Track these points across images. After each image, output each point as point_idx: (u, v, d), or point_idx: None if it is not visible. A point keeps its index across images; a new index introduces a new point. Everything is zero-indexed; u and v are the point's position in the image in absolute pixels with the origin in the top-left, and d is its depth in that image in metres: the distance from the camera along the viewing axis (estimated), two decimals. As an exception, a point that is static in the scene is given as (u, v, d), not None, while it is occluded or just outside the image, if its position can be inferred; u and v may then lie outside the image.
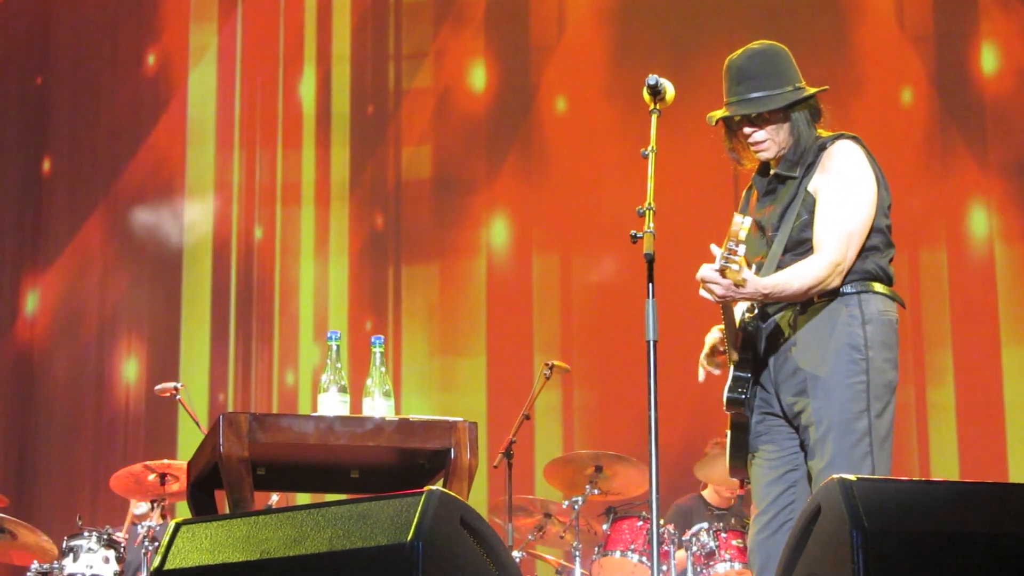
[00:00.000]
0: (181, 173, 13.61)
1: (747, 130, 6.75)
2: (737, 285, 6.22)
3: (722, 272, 6.21)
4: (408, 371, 12.93)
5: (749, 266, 6.45)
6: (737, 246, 6.14)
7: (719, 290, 6.31)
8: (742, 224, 6.14)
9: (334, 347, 7.58)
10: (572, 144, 13.39)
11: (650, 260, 6.34)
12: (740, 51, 6.78)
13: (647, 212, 6.38)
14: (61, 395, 13.32)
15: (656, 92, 6.63)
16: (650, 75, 6.62)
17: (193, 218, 13.56)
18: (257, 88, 13.73)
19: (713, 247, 6.24)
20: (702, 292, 6.40)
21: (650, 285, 6.29)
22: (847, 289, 6.56)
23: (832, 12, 13.46)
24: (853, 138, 6.77)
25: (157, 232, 13.61)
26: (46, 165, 13.70)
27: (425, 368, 13.01)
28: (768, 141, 6.73)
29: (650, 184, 6.50)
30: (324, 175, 13.51)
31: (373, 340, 7.64)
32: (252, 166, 13.55)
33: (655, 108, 6.67)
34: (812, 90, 6.76)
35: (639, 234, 6.36)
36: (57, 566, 10.72)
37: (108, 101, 13.77)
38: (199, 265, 13.48)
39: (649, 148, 6.59)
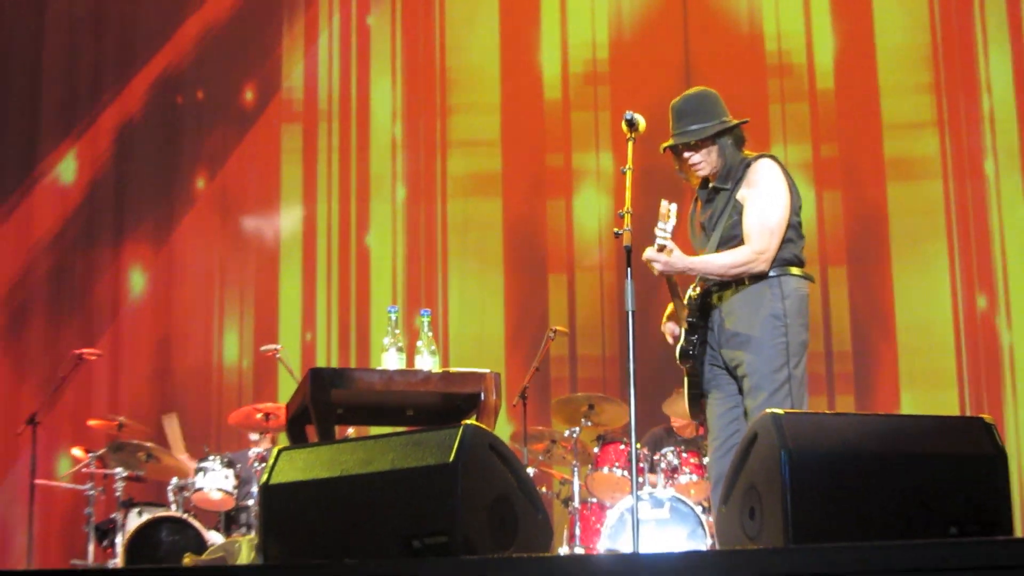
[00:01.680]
0: (276, 150, 13.58)
1: (686, 154, 6.91)
2: (668, 255, 6.53)
3: (660, 250, 6.50)
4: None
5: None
6: (666, 224, 6.47)
7: (658, 266, 6.59)
8: (668, 207, 6.49)
9: (393, 318, 7.67)
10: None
11: (628, 251, 6.46)
12: (682, 95, 6.97)
13: (626, 215, 6.51)
14: (193, 355, 13.32)
15: (632, 124, 6.76)
16: (627, 111, 6.75)
17: (288, 201, 13.54)
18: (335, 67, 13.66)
19: (658, 229, 6.52)
20: (649, 267, 6.64)
21: (628, 269, 6.40)
22: (771, 273, 6.69)
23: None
24: (771, 157, 6.93)
25: (257, 213, 13.59)
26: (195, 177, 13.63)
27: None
28: (703, 162, 6.90)
29: (628, 193, 6.63)
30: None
31: (422, 312, 7.72)
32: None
33: (631, 136, 6.78)
34: (735, 121, 6.91)
35: (620, 231, 6.50)
36: (191, 482, 10.78)
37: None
38: (292, 244, 13.46)
39: (627, 166, 6.69)
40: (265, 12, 13.81)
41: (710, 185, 6.98)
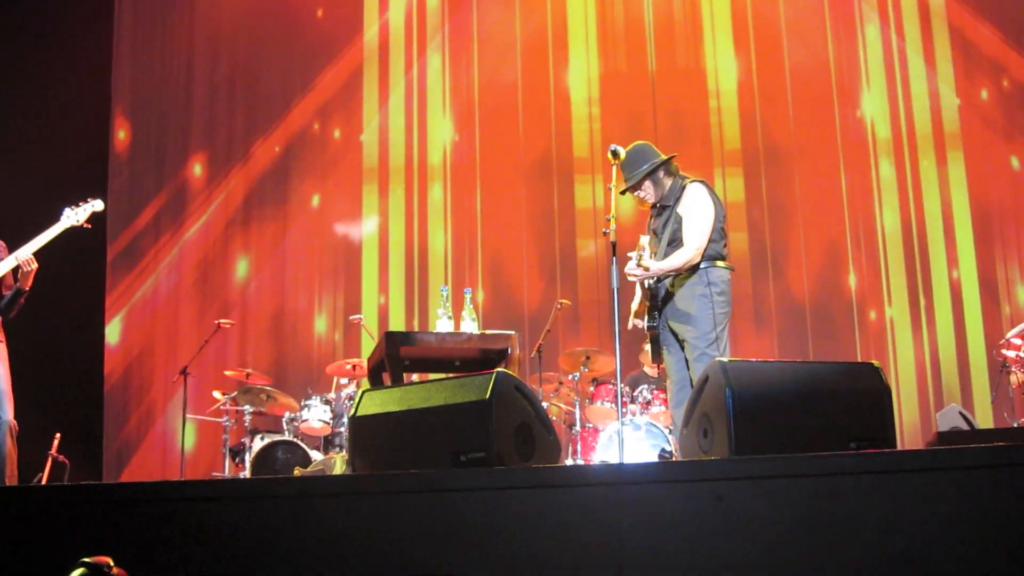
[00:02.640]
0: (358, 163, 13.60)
1: (635, 192, 7.29)
2: (646, 270, 6.84)
3: (637, 266, 6.84)
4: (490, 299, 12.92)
5: (651, 256, 7.07)
6: (642, 252, 6.89)
7: (639, 273, 6.90)
8: (643, 242, 6.98)
9: (444, 294, 7.71)
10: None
11: (613, 245, 6.59)
12: (625, 149, 7.08)
13: (611, 218, 6.65)
14: (300, 324, 13.34)
15: (615, 154, 6.90)
16: (611, 144, 6.88)
17: (368, 209, 13.55)
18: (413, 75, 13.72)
19: (629, 253, 6.89)
20: (629, 277, 6.95)
21: (614, 258, 6.55)
22: (702, 265, 7.03)
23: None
24: (701, 181, 7.24)
25: (345, 220, 13.60)
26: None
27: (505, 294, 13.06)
28: (647, 194, 7.29)
29: (613, 203, 6.77)
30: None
31: (465, 290, 7.80)
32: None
33: (615, 163, 6.92)
34: (663, 159, 7.21)
35: (606, 230, 6.65)
36: (299, 415, 10.79)
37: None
38: (371, 242, 13.47)
39: (612, 184, 6.87)
40: (351, 77, 13.82)
41: (657, 204, 7.28)
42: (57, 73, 12.44)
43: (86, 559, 4.25)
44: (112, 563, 4.26)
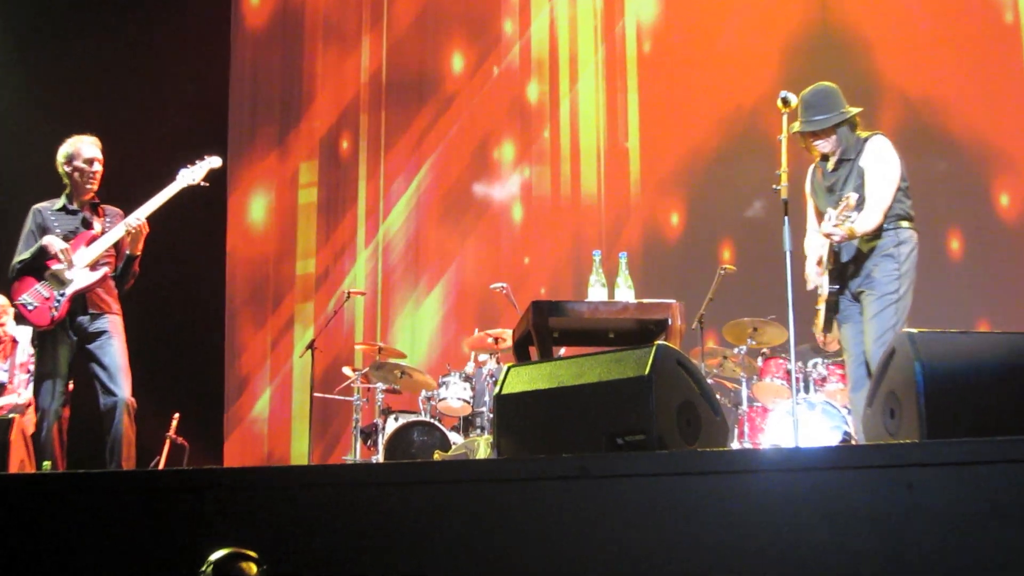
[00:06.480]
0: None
1: (811, 139, 7.22)
2: (850, 234, 6.84)
3: (838, 225, 6.80)
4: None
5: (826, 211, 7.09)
6: (848, 214, 6.73)
7: (837, 237, 6.86)
8: (848, 201, 6.73)
9: (597, 260, 7.71)
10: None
11: (785, 202, 6.73)
12: (809, 88, 7.16)
13: (783, 174, 6.80)
14: (434, 289, 13.49)
15: (786, 102, 7.00)
16: (782, 91, 6.87)
17: (505, 170, 13.65)
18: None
19: (830, 211, 6.91)
20: (833, 238, 6.93)
21: (786, 217, 6.54)
22: (888, 225, 7.00)
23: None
24: (883, 135, 7.17)
25: (484, 180, 13.72)
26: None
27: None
28: (823, 143, 7.21)
29: (784, 157, 6.88)
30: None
31: (620, 255, 7.77)
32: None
33: (785, 111, 7.03)
34: (852, 111, 7.16)
35: (777, 186, 6.81)
36: (435, 393, 10.90)
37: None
38: (512, 203, 13.55)
39: (782, 136, 6.99)
40: (491, 19, 13.92)
41: (832, 158, 7.23)
42: (175, 39, 12.76)
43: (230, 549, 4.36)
44: (254, 559, 4.36)
